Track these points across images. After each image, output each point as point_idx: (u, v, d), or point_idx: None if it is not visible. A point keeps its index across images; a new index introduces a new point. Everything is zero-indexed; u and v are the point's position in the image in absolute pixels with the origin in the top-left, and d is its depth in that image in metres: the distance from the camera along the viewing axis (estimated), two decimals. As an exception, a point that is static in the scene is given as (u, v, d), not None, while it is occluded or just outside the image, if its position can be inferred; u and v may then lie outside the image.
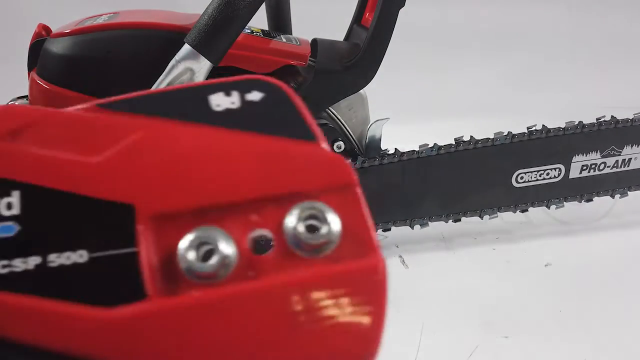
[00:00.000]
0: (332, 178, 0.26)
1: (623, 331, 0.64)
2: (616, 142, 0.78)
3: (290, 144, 0.26)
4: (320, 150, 0.26)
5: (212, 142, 0.26)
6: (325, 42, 0.70)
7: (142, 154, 0.25)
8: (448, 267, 0.75)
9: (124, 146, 0.25)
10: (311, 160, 0.26)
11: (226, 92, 0.27)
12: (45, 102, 0.61)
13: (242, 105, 0.27)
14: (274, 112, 0.27)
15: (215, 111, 0.27)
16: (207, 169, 0.25)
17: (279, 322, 0.23)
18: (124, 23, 0.59)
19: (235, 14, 0.55)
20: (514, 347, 0.61)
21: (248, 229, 0.24)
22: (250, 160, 0.25)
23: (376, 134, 0.70)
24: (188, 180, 0.25)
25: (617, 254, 0.78)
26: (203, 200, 0.24)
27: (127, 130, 0.25)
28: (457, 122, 0.94)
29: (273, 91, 0.28)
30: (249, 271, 0.24)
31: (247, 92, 0.27)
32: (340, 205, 0.25)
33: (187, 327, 0.23)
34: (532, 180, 0.76)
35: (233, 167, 0.25)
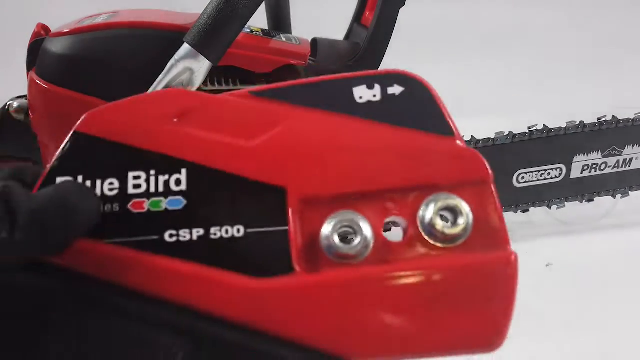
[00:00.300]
0: (469, 173, 0.29)
1: (625, 331, 0.63)
2: (617, 142, 0.78)
3: (428, 138, 0.29)
4: (457, 145, 0.29)
5: (355, 133, 0.28)
6: (325, 42, 0.70)
7: (292, 140, 0.28)
8: (449, 268, 0.75)
9: (277, 133, 0.28)
10: (449, 154, 0.29)
11: (369, 85, 0.29)
12: (44, 102, 0.61)
13: (383, 98, 0.29)
14: (413, 105, 0.29)
15: (358, 103, 0.29)
16: (349, 158, 0.27)
17: (412, 304, 0.25)
18: (123, 22, 0.59)
19: (235, 13, 0.54)
20: (514, 348, 0.61)
21: (384, 216, 0.27)
22: (389, 152, 0.27)
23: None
24: (333, 168, 0.27)
25: (618, 254, 0.78)
26: (346, 187, 0.27)
27: (280, 118, 0.28)
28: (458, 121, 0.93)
29: (413, 85, 0.30)
30: (384, 255, 0.26)
31: (388, 86, 0.29)
32: (475, 199, 0.28)
33: (326, 302, 0.25)
34: (533, 180, 0.76)
35: (373, 157, 0.27)
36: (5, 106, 0.67)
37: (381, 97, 0.29)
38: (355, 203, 0.26)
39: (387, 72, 0.30)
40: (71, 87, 0.59)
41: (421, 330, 0.26)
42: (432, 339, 0.26)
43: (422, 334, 0.26)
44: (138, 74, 0.58)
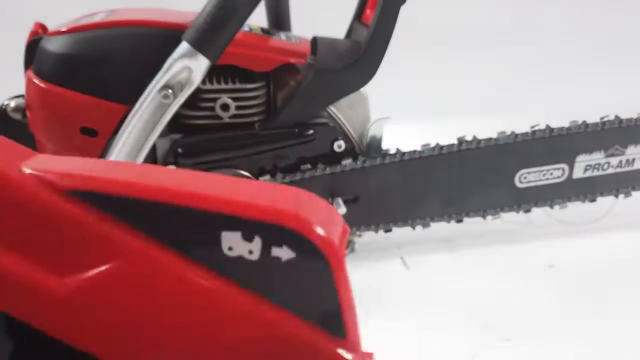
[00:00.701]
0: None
1: (627, 332, 0.63)
2: (620, 141, 0.77)
3: (310, 334, 0.22)
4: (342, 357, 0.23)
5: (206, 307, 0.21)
6: (326, 40, 0.69)
7: (115, 298, 0.21)
8: (450, 269, 0.75)
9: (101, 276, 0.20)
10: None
11: (245, 236, 0.21)
12: (42, 101, 0.60)
13: (263, 257, 0.21)
14: (302, 278, 0.21)
15: (226, 255, 0.21)
16: (178, 326, 0.21)
17: None
18: (120, 21, 0.59)
19: (234, 12, 0.54)
20: (516, 350, 0.61)
21: None
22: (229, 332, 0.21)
23: (377, 133, 0.69)
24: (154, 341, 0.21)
25: (620, 254, 0.77)
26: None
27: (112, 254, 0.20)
28: (460, 121, 0.93)
29: (309, 251, 0.21)
30: None
31: (274, 244, 0.21)
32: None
33: None
34: (536, 180, 0.75)
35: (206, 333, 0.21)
36: (3, 105, 0.66)
37: (261, 256, 0.20)
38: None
39: (276, 219, 0.20)
40: (68, 85, 0.59)
41: None
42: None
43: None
44: (136, 73, 0.58)
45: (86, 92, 0.59)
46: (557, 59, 1.31)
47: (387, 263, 0.75)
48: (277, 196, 0.20)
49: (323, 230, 0.19)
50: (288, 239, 0.19)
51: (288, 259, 0.20)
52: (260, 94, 0.62)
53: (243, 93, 0.61)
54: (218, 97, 0.61)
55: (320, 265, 0.20)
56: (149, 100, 0.57)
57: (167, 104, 0.57)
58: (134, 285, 0.20)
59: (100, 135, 0.59)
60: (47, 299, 0.19)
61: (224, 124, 0.62)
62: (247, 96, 0.61)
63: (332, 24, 0.76)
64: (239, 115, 0.62)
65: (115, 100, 0.59)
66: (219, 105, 0.61)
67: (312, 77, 0.62)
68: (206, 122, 0.62)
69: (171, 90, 0.56)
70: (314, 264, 0.20)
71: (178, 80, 0.56)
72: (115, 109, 0.59)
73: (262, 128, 0.63)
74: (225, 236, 0.19)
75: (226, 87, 0.61)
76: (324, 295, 0.21)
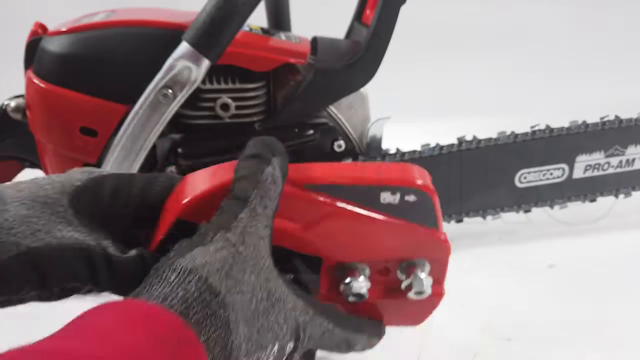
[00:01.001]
0: (441, 254, 0.45)
1: (627, 332, 0.63)
2: (620, 141, 0.77)
3: (424, 229, 0.44)
4: (438, 236, 0.44)
5: (379, 224, 0.43)
6: (326, 40, 0.69)
7: (336, 228, 0.42)
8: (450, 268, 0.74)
9: (327, 222, 0.42)
10: (433, 241, 0.44)
11: (392, 192, 0.43)
12: (42, 101, 0.60)
13: (401, 202, 0.43)
14: (420, 209, 0.43)
15: (381, 203, 0.42)
16: (366, 241, 0.43)
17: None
18: (121, 21, 0.59)
19: (234, 11, 0.54)
20: (516, 349, 0.61)
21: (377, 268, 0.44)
22: (400, 237, 0.43)
23: (377, 133, 0.69)
24: (357, 247, 0.43)
25: (621, 254, 0.77)
26: (358, 258, 0.44)
27: (329, 210, 0.42)
28: (460, 121, 0.93)
29: (423, 196, 0.43)
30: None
31: (406, 195, 0.43)
32: (439, 268, 0.46)
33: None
34: (536, 180, 0.75)
35: (387, 240, 0.43)
36: (3, 105, 0.66)
37: (399, 202, 0.43)
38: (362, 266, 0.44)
39: (405, 185, 0.43)
40: (68, 85, 0.59)
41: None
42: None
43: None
44: (136, 73, 0.58)
45: (86, 92, 0.59)
46: (557, 59, 1.31)
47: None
48: (400, 169, 0.44)
49: (425, 183, 0.43)
50: (412, 192, 0.42)
51: (414, 200, 0.42)
52: (261, 94, 0.62)
53: (243, 93, 0.61)
54: (218, 97, 0.61)
55: (428, 199, 0.43)
56: (149, 100, 0.57)
57: (167, 104, 0.57)
58: (343, 220, 0.42)
59: (100, 135, 0.59)
60: (292, 235, 0.41)
61: (224, 123, 0.62)
62: (247, 96, 0.61)
63: (332, 24, 0.76)
64: (239, 115, 0.62)
65: (115, 100, 0.59)
66: (219, 105, 0.61)
67: (312, 77, 0.62)
68: (206, 122, 0.62)
69: (171, 90, 0.56)
70: (425, 199, 0.43)
71: (178, 80, 0.56)
72: (115, 109, 0.59)
73: (262, 128, 0.63)
74: (382, 195, 0.42)
75: (226, 87, 0.61)
76: (427, 213, 0.43)
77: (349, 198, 0.42)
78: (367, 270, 0.44)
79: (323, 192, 0.42)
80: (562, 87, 1.25)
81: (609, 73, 1.30)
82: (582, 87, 1.23)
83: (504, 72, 1.27)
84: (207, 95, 0.61)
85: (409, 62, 1.10)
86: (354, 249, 0.43)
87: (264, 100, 0.63)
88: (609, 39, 1.36)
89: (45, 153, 0.64)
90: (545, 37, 1.35)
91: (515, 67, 1.29)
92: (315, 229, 0.42)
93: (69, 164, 0.62)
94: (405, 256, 0.44)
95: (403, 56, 0.91)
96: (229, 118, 0.62)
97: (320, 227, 0.42)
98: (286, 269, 0.42)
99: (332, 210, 0.42)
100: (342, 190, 0.42)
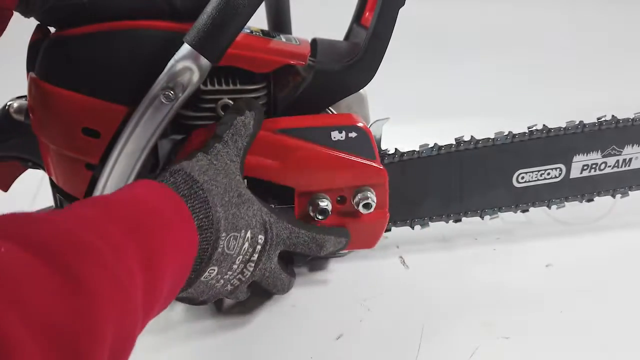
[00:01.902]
0: (379, 180, 0.62)
1: (624, 332, 0.63)
2: (617, 141, 0.78)
3: (365, 161, 0.61)
4: (376, 166, 0.62)
5: (331, 158, 0.61)
6: (325, 42, 0.70)
7: (302, 162, 0.60)
8: (448, 268, 0.75)
9: (294, 157, 0.60)
10: (372, 170, 0.62)
11: (339, 131, 0.60)
12: (44, 103, 0.61)
13: (346, 138, 0.61)
14: (360, 143, 0.61)
15: (333, 140, 0.61)
16: (324, 171, 0.61)
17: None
18: (122, 23, 0.59)
19: (235, 13, 0.54)
20: (514, 348, 0.61)
21: (335, 196, 0.63)
22: (346, 168, 0.61)
23: (376, 133, 0.70)
24: (318, 177, 0.61)
25: (618, 254, 0.78)
26: (320, 188, 0.61)
27: (294, 148, 0.60)
28: (458, 121, 0.93)
29: (361, 132, 0.61)
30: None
31: (349, 132, 0.61)
32: (380, 191, 0.63)
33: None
34: (533, 180, 0.76)
35: (338, 171, 0.61)
36: (6, 107, 0.67)
37: (345, 138, 0.61)
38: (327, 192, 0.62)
39: (348, 123, 0.61)
40: (70, 87, 0.59)
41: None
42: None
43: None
44: (138, 74, 0.58)
45: (88, 94, 0.59)
46: (553, 60, 1.32)
47: (387, 262, 0.76)
48: (344, 115, 0.64)
49: (363, 123, 0.62)
50: (353, 129, 0.61)
51: (355, 136, 0.61)
52: (261, 95, 0.63)
53: (244, 94, 0.62)
54: (219, 98, 0.61)
55: (365, 134, 0.61)
56: (150, 101, 0.57)
57: (168, 105, 0.57)
58: (306, 153, 0.60)
59: (103, 136, 0.60)
60: (271, 169, 0.60)
61: (225, 124, 0.62)
62: (248, 97, 0.62)
63: (332, 26, 0.76)
64: (240, 116, 0.62)
65: (117, 101, 0.59)
66: (220, 106, 0.61)
67: (311, 78, 0.62)
68: (207, 123, 0.62)
69: (172, 92, 0.57)
70: (364, 135, 0.61)
71: (179, 81, 0.56)
72: (117, 110, 0.59)
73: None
74: (332, 133, 0.60)
75: (227, 88, 0.61)
76: (367, 147, 0.61)
77: (308, 138, 0.59)
78: (328, 200, 0.61)
79: (289, 135, 0.59)
80: (559, 88, 1.25)
81: (605, 73, 1.30)
82: (579, 88, 1.23)
83: (501, 73, 1.27)
84: (208, 97, 0.61)
85: (408, 63, 1.11)
86: (316, 179, 0.60)
87: (264, 102, 0.63)
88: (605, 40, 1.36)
89: (48, 154, 0.64)
90: (542, 39, 1.36)
91: (511, 68, 1.29)
92: (287, 163, 0.59)
93: (72, 164, 0.63)
94: (354, 184, 0.61)
95: (402, 57, 0.91)
96: (230, 119, 0.62)
97: (290, 161, 0.59)
98: (268, 196, 0.59)
99: (296, 146, 0.59)
100: (304, 131, 0.60)
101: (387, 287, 0.71)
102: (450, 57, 1.29)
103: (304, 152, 0.59)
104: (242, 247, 0.53)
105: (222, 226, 0.50)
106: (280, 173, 0.59)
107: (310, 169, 0.60)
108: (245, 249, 0.53)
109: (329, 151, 0.60)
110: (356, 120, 0.61)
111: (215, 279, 0.53)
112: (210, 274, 0.52)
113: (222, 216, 0.50)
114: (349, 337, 0.63)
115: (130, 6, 0.58)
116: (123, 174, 0.60)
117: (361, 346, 0.62)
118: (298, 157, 0.59)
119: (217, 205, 0.49)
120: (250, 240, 0.53)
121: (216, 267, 0.51)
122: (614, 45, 1.36)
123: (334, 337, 0.63)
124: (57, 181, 0.66)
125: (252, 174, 0.60)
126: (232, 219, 0.51)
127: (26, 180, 0.75)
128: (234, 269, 0.54)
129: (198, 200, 0.48)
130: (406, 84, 1.15)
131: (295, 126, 0.60)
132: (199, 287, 0.53)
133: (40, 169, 0.70)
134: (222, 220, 0.50)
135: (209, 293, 0.55)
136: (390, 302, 0.69)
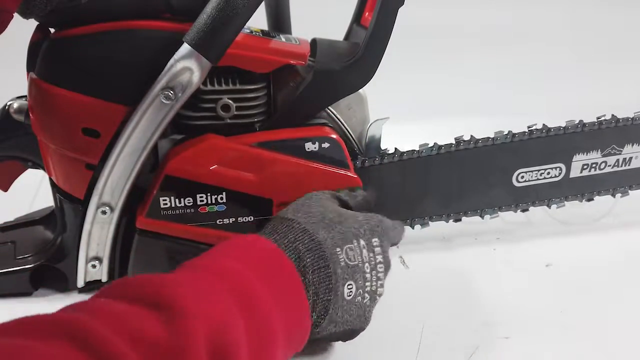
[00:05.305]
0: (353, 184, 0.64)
1: (624, 331, 0.63)
2: (617, 141, 0.78)
3: (337, 170, 0.63)
4: (349, 175, 0.64)
5: (304, 170, 0.62)
6: (325, 42, 0.70)
7: (276, 175, 0.62)
8: (448, 267, 0.75)
9: (268, 171, 0.61)
10: (344, 178, 0.64)
11: (312, 142, 0.62)
12: (44, 103, 0.61)
13: (319, 149, 0.62)
14: (332, 153, 0.63)
15: (307, 151, 0.62)
16: (299, 182, 0.62)
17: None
18: (123, 22, 0.59)
19: (235, 13, 0.54)
20: (514, 348, 0.61)
21: None
22: (318, 177, 0.63)
23: (376, 133, 0.70)
24: (294, 187, 0.62)
25: (618, 253, 0.78)
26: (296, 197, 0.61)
27: (269, 162, 0.61)
28: (458, 121, 0.93)
29: (334, 143, 0.63)
30: None
31: (322, 143, 0.62)
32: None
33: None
34: (533, 179, 0.76)
35: (309, 180, 0.62)
36: (5, 107, 0.67)
37: (319, 149, 0.62)
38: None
39: (321, 135, 0.62)
40: (70, 87, 0.59)
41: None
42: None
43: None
44: (138, 74, 0.58)
45: (88, 94, 0.59)
46: (554, 60, 1.32)
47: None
48: (317, 127, 0.64)
49: (335, 135, 0.63)
50: (325, 140, 0.62)
51: (328, 146, 0.62)
52: (261, 95, 0.63)
53: (244, 94, 0.62)
54: (219, 98, 0.61)
55: (338, 145, 0.63)
56: (151, 102, 0.57)
57: (168, 105, 0.57)
58: (281, 166, 0.61)
59: (103, 136, 0.60)
60: (248, 182, 0.61)
61: (225, 124, 0.62)
62: (248, 97, 0.62)
63: (332, 27, 0.76)
64: (240, 115, 0.62)
65: (117, 101, 0.59)
66: (219, 106, 0.61)
67: (311, 78, 0.62)
68: (207, 123, 0.62)
69: (172, 92, 0.57)
70: (336, 145, 0.63)
71: (179, 81, 0.57)
72: (117, 110, 0.59)
73: (262, 129, 0.63)
74: (306, 145, 0.62)
75: (227, 88, 0.61)
76: (339, 156, 0.63)
77: (283, 150, 0.61)
78: None
79: (265, 148, 0.61)
80: (559, 87, 1.25)
81: (605, 73, 1.30)
82: (579, 88, 1.23)
83: (501, 73, 1.28)
84: (208, 97, 0.61)
85: (408, 63, 1.11)
86: (292, 189, 0.61)
87: (264, 102, 0.63)
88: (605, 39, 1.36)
89: (48, 154, 0.64)
90: (542, 39, 1.36)
91: (512, 67, 1.29)
92: (263, 175, 0.61)
93: (72, 164, 0.63)
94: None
95: (402, 57, 0.91)
96: (230, 119, 0.62)
97: (266, 173, 0.61)
98: (245, 209, 0.62)
99: (272, 159, 0.61)
100: (278, 144, 0.61)
101: (387, 286, 0.71)
102: (450, 56, 1.29)
103: (279, 164, 0.61)
104: (362, 254, 0.55)
105: (329, 243, 0.53)
106: (258, 185, 0.61)
107: (286, 180, 0.61)
108: (368, 257, 0.55)
109: (303, 162, 0.61)
110: (329, 132, 0.62)
111: (358, 294, 0.54)
112: (350, 290, 0.53)
113: (327, 237, 0.53)
114: (349, 336, 0.63)
115: (130, 6, 0.58)
116: (123, 174, 0.60)
117: (361, 346, 0.62)
118: (274, 169, 0.61)
119: (317, 230, 0.53)
120: (366, 247, 0.55)
121: (352, 281, 0.53)
122: (614, 45, 1.36)
123: (334, 337, 0.63)
124: (57, 181, 0.66)
125: (232, 187, 0.61)
126: (339, 235, 0.54)
127: (26, 180, 0.75)
128: (368, 277, 0.55)
129: (293, 233, 0.53)
130: (406, 84, 1.15)
131: (270, 139, 0.61)
132: (350, 309, 0.54)
133: (40, 169, 0.70)
134: (328, 239, 0.53)
135: (365, 314, 0.56)
136: (390, 302, 0.68)
